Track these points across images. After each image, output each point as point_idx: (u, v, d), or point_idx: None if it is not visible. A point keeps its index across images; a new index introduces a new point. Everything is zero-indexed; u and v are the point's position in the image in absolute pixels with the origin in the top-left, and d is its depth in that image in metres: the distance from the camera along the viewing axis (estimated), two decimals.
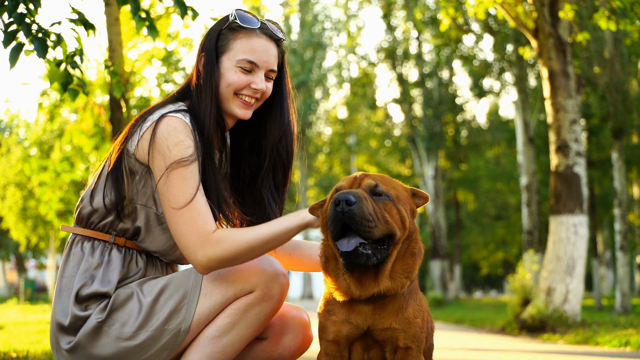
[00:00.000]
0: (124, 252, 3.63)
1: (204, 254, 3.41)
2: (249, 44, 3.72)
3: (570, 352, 10.38)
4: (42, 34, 5.18)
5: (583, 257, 14.74)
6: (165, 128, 3.51)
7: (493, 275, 68.49)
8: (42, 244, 39.03)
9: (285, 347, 3.85)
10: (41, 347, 8.57)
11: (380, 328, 3.35)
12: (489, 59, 35.09)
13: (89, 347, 3.46)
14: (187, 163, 3.46)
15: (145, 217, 3.61)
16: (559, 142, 15.12)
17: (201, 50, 3.77)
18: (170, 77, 22.88)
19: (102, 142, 18.42)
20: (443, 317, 23.29)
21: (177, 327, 3.46)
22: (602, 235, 38.62)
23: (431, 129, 37.08)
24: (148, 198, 3.61)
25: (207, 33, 3.80)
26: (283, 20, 45.18)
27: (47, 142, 29.07)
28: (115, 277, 3.54)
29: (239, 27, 3.73)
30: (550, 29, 15.14)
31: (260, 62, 3.73)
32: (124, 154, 3.60)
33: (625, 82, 25.56)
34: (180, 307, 3.47)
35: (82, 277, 3.53)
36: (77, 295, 3.50)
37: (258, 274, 3.51)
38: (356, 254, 3.19)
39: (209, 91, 3.67)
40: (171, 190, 3.45)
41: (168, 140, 3.48)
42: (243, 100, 3.75)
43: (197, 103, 3.68)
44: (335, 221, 3.18)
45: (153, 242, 3.65)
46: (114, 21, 9.82)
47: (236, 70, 3.70)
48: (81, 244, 3.63)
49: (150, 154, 3.51)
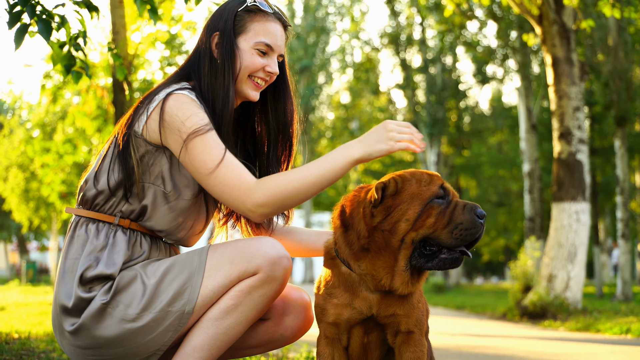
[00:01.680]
0: (129, 234, 3.62)
1: (252, 201, 3.42)
2: (267, 27, 3.75)
3: (571, 339, 10.40)
4: (46, 16, 5.17)
5: (585, 244, 14.77)
6: (173, 104, 3.51)
7: (494, 261, 68.62)
8: (44, 226, 39.05)
9: (287, 328, 3.87)
10: (43, 329, 8.61)
11: (384, 315, 3.38)
12: (492, 46, 35.04)
13: (93, 329, 3.46)
14: (203, 132, 3.46)
15: (153, 195, 3.61)
16: (562, 129, 15.12)
17: (213, 30, 3.75)
18: (173, 60, 22.84)
19: (104, 125, 18.42)
20: (444, 303, 23.32)
21: (181, 308, 3.46)
22: (604, 223, 38.63)
23: (434, 114, 37.07)
24: (156, 177, 3.61)
25: (220, 13, 3.79)
26: (287, 4, 45.10)
27: (50, 124, 29.03)
28: (120, 259, 3.54)
29: (257, 9, 3.75)
30: (554, 15, 15.11)
31: (275, 45, 3.77)
32: (131, 136, 3.59)
33: (629, 70, 25.54)
34: (184, 289, 3.47)
35: (86, 260, 3.52)
36: (82, 277, 3.49)
37: (261, 256, 3.50)
38: (461, 262, 3.33)
39: (229, 72, 3.68)
40: (198, 158, 3.45)
41: (180, 115, 3.48)
42: (255, 83, 3.77)
43: (211, 82, 3.68)
44: (476, 231, 3.25)
45: (159, 220, 3.65)
46: (118, 3, 9.78)
47: (253, 53, 3.72)
48: (86, 225, 3.62)
49: (162, 133, 3.52)
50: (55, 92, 22.04)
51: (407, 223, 3.27)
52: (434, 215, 3.27)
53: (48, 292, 24.54)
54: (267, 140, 3.97)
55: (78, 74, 5.98)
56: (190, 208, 3.69)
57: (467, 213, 3.24)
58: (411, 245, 3.27)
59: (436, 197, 3.30)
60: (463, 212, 3.25)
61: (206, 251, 3.56)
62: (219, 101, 3.64)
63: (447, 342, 9.57)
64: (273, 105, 3.96)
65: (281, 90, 3.97)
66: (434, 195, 3.29)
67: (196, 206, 3.73)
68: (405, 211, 3.29)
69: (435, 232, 3.25)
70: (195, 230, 3.82)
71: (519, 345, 9.25)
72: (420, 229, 3.26)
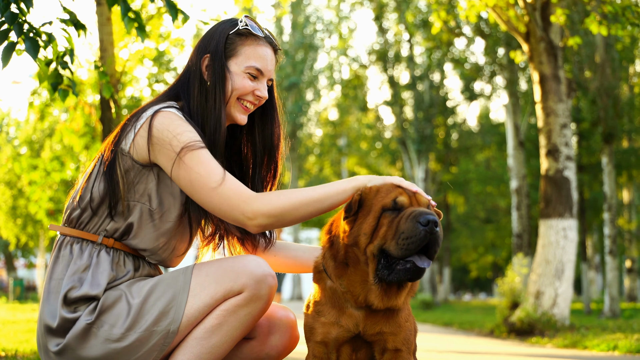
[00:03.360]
0: (112, 253, 3.62)
1: (251, 209, 3.43)
2: (258, 52, 3.78)
3: (559, 356, 10.40)
4: (34, 34, 5.16)
5: (572, 261, 14.78)
6: (162, 120, 3.52)
7: (482, 278, 68.68)
8: (31, 243, 38.89)
9: (273, 347, 3.88)
10: (30, 347, 8.56)
11: (371, 333, 3.38)
12: (480, 62, 35.20)
13: (78, 349, 3.45)
14: (197, 147, 3.47)
15: (139, 212, 3.61)
16: (549, 146, 15.16)
17: (204, 52, 3.78)
18: (161, 77, 22.87)
19: (92, 142, 18.37)
20: (432, 319, 23.30)
21: (166, 328, 3.46)
22: (592, 240, 38.71)
23: (422, 131, 37.14)
24: (142, 194, 3.61)
25: (211, 35, 3.81)
26: (275, 21, 45.18)
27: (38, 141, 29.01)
28: (104, 280, 3.53)
29: (249, 33, 3.78)
30: (541, 33, 15.18)
31: (265, 70, 3.80)
32: (118, 153, 3.59)
33: (616, 87, 25.67)
34: (169, 308, 3.47)
35: (70, 280, 3.52)
36: (66, 298, 3.49)
37: (246, 275, 3.51)
38: (423, 272, 3.25)
39: (219, 94, 3.70)
40: (196, 172, 3.46)
41: (171, 130, 3.49)
42: (244, 106, 3.81)
43: (201, 104, 3.70)
44: (420, 239, 3.19)
45: (144, 239, 3.65)
46: (106, 21, 9.80)
47: (244, 76, 3.75)
48: (70, 245, 3.62)
49: (151, 149, 3.52)
50: (42, 109, 21.99)
51: (365, 236, 3.32)
52: (386, 226, 3.28)
53: (35, 309, 24.42)
54: (253, 162, 3.99)
55: (65, 91, 5.98)
56: (174, 229, 3.70)
57: (410, 221, 3.22)
58: (374, 259, 3.29)
59: (388, 209, 3.31)
60: (406, 221, 3.23)
61: (191, 270, 3.56)
62: (209, 124, 3.66)
63: (434, 359, 9.55)
64: (260, 128, 3.99)
65: (269, 113, 3.99)
66: (385, 207, 3.31)
67: (180, 227, 3.73)
68: (362, 224, 3.34)
69: (386, 243, 3.26)
70: (178, 252, 3.83)
71: None
72: (375, 240, 3.29)
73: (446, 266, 44.83)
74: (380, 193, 3.38)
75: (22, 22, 5.06)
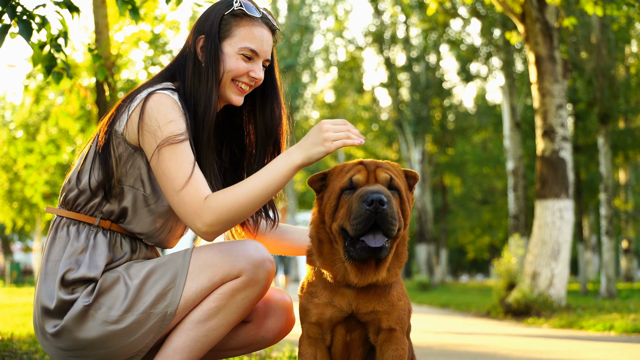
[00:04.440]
0: (109, 235, 3.61)
1: (202, 222, 3.42)
2: (252, 32, 3.73)
3: (555, 336, 10.43)
4: (27, 17, 5.14)
5: (568, 241, 14.81)
6: (154, 105, 3.50)
7: (479, 259, 68.75)
8: (27, 227, 38.96)
9: (269, 330, 3.87)
10: (26, 330, 8.57)
11: (364, 312, 3.39)
12: (476, 44, 35.11)
13: (75, 331, 3.45)
14: (177, 141, 3.45)
15: (132, 198, 3.61)
16: (545, 126, 15.16)
17: (199, 32, 3.74)
18: (157, 59, 22.80)
19: (88, 125, 18.37)
20: (429, 301, 23.34)
21: (163, 310, 3.46)
22: (588, 220, 38.77)
23: (418, 113, 37.12)
24: (136, 179, 3.60)
25: (206, 16, 3.78)
26: (271, 3, 45.03)
27: (33, 125, 28.96)
28: (102, 262, 3.53)
29: (243, 14, 3.73)
30: (537, 13, 15.15)
31: (261, 51, 3.75)
32: (112, 135, 3.58)
33: (612, 68, 25.64)
34: (167, 291, 3.47)
35: (67, 262, 3.51)
36: (63, 280, 3.48)
37: (245, 259, 3.51)
38: (380, 249, 3.22)
39: (212, 76, 3.67)
40: (167, 170, 3.45)
41: (158, 118, 3.48)
42: (239, 87, 3.76)
43: (194, 85, 3.68)
44: (366, 219, 3.17)
45: (139, 223, 3.65)
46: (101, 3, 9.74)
47: (237, 58, 3.71)
48: (67, 227, 3.61)
49: (140, 132, 3.51)
50: (38, 92, 21.98)
51: (328, 216, 3.35)
52: (343, 206, 3.30)
53: (32, 293, 24.44)
54: (255, 143, 3.97)
55: (59, 74, 5.96)
56: (170, 211, 3.69)
57: (356, 201, 3.22)
58: (340, 237, 3.30)
59: (346, 188, 3.32)
60: (355, 201, 3.23)
61: (190, 253, 3.56)
62: (200, 105, 3.64)
63: (430, 340, 9.58)
64: (260, 108, 3.96)
65: (269, 93, 3.96)
66: (343, 187, 3.32)
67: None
68: (326, 204, 3.38)
69: (344, 223, 3.26)
70: (175, 234, 3.83)
71: (502, 343, 9.28)
72: (336, 220, 3.31)
73: (443, 248, 44.94)
74: (341, 172, 3.40)
75: (15, 5, 5.04)
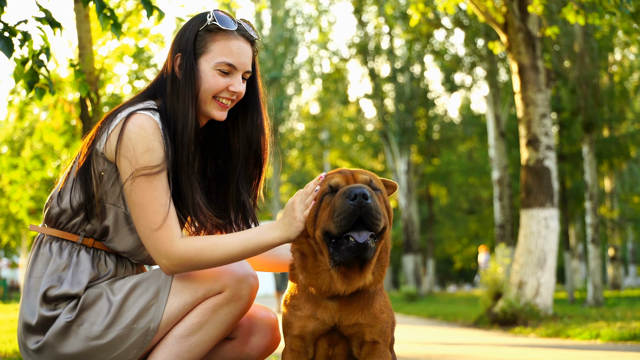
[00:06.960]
0: (92, 253, 3.61)
1: (169, 261, 3.45)
2: (229, 46, 3.68)
3: (541, 345, 10.45)
4: (9, 33, 5.13)
5: (554, 250, 14.84)
6: (133, 129, 3.46)
7: (467, 269, 68.80)
8: (13, 243, 38.80)
9: (254, 347, 3.86)
10: (12, 346, 8.53)
11: (346, 324, 3.39)
12: (460, 54, 35.23)
13: (57, 347, 3.45)
14: (154, 172, 3.44)
15: (114, 216, 3.59)
16: (529, 136, 15.21)
17: (176, 50, 3.70)
18: (141, 73, 22.79)
19: (72, 140, 18.32)
20: (416, 311, 23.35)
21: (146, 326, 3.46)
22: (574, 229, 38.86)
23: (403, 124, 37.15)
24: (117, 197, 3.58)
25: (182, 33, 3.73)
26: (254, 15, 45.04)
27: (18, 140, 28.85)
28: (85, 279, 3.53)
29: (217, 28, 3.68)
30: (519, 23, 15.22)
31: (238, 64, 3.70)
32: (93, 154, 3.56)
33: (595, 76, 25.75)
34: (149, 306, 3.47)
35: (49, 279, 3.51)
36: (45, 296, 3.48)
37: (228, 274, 3.52)
38: (366, 246, 3.23)
39: (189, 94, 3.63)
40: (140, 202, 3.45)
41: (136, 145, 3.45)
42: (220, 103, 3.72)
43: (173, 104, 3.63)
44: (350, 214, 3.20)
45: (121, 242, 3.64)
46: (84, 18, 9.77)
47: (214, 74, 3.66)
48: (49, 244, 3.60)
49: (117, 154, 3.48)
50: (22, 108, 21.92)
51: (310, 225, 3.38)
52: (325, 209, 3.33)
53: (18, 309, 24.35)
54: (238, 156, 3.92)
55: (41, 90, 5.95)
56: None
57: (340, 198, 3.25)
58: (324, 243, 3.31)
59: (326, 193, 3.36)
60: (338, 199, 3.26)
61: None
62: (179, 124, 3.60)
63: (416, 351, 9.57)
64: (242, 121, 3.92)
65: (250, 105, 3.92)
66: (324, 192, 3.37)
67: None
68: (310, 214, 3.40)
69: (326, 225, 3.28)
70: None
71: (489, 353, 9.28)
72: (319, 225, 3.32)
73: (430, 258, 44.91)
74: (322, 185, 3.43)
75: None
